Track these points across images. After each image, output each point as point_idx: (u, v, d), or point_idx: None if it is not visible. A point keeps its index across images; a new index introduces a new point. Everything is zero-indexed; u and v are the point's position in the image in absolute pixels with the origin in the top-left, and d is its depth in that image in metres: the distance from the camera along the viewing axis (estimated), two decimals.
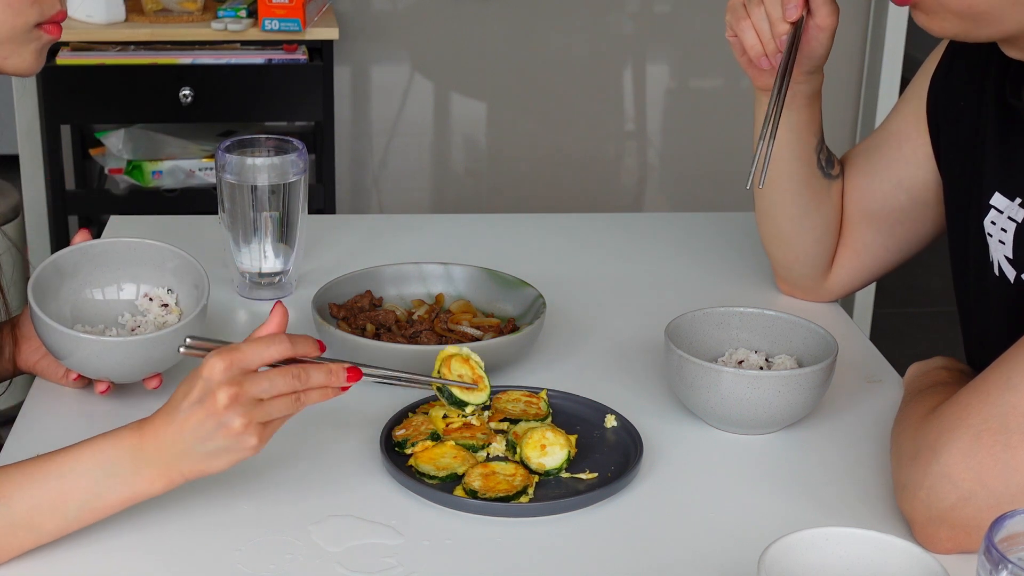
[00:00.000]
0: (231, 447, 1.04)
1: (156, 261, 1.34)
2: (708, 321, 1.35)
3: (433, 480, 1.16)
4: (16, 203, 2.79)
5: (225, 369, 1.02)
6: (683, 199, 3.41)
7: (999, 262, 1.23)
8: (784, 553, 0.92)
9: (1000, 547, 0.83)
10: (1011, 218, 1.21)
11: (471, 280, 1.49)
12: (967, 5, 1.11)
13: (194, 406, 1.03)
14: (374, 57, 3.21)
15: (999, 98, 1.24)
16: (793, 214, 1.46)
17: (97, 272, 1.33)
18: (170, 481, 1.05)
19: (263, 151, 1.52)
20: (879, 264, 1.50)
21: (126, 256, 1.34)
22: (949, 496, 1.06)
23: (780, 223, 1.48)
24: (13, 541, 1.03)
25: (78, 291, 1.32)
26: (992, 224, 1.23)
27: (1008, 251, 1.21)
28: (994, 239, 1.23)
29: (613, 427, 1.25)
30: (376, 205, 3.33)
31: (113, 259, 1.33)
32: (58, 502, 1.03)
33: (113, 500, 1.04)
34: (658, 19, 3.27)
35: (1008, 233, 1.21)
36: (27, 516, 1.03)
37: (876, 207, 1.46)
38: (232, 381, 1.02)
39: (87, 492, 1.04)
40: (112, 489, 1.04)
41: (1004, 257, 1.22)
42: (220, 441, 1.03)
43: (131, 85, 2.73)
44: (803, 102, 1.40)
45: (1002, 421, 1.05)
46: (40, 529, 1.04)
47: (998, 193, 1.22)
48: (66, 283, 1.31)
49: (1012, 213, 1.20)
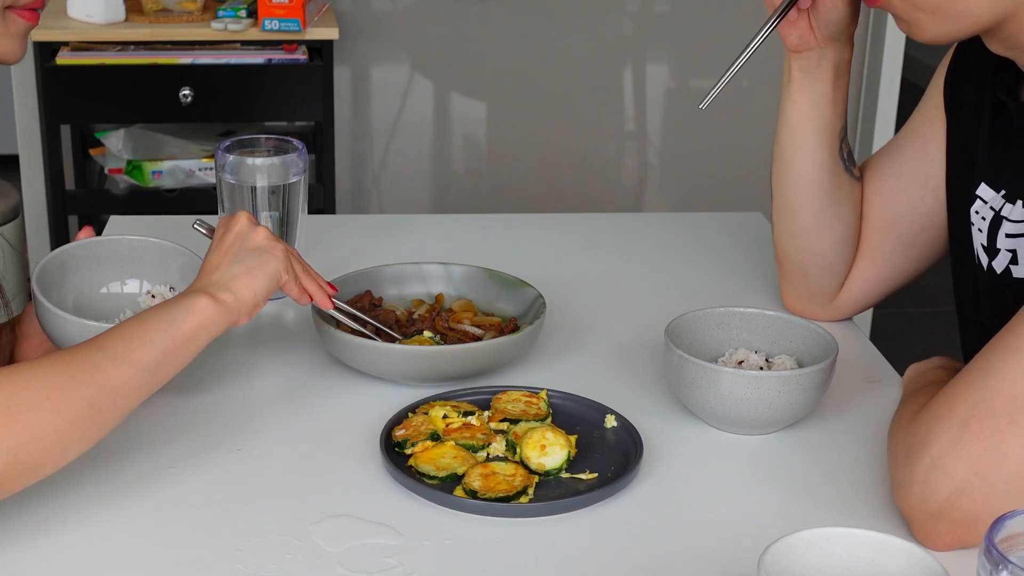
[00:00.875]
0: (262, 259, 1.21)
1: (160, 259, 1.35)
2: (708, 321, 1.35)
3: (433, 480, 1.16)
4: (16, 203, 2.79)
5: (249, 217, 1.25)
6: (683, 199, 3.42)
7: (977, 251, 1.24)
8: (784, 553, 0.92)
9: (1000, 547, 0.83)
10: (992, 208, 1.22)
11: (471, 280, 1.49)
12: (933, 2, 1.12)
13: (222, 238, 1.23)
14: (374, 57, 3.21)
15: (992, 93, 1.25)
16: (813, 207, 1.41)
17: (101, 268, 1.34)
18: (222, 303, 1.17)
19: (263, 151, 1.52)
20: (896, 275, 1.46)
21: (130, 253, 1.35)
22: (943, 488, 1.06)
23: (799, 216, 1.43)
24: (122, 377, 1.10)
25: (81, 286, 1.33)
26: (975, 213, 1.24)
27: (984, 239, 1.22)
28: (974, 227, 1.24)
29: (613, 427, 1.25)
30: (376, 205, 3.33)
31: (118, 256, 1.34)
32: (145, 336, 1.12)
33: (187, 328, 1.14)
34: (658, 19, 3.27)
35: (986, 222, 1.22)
36: (124, 351, 1.10)
37: (901, 211, 1.42)
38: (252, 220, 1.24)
39: (165, 322, 1.14)
40: (182, 320, 1.14)
41: (980, 245, 1.23)
42: (250, 256, 1.21)
43: (131, 85, 2.73)
44: (829, 73, 1.35)
45: (987, 406, 1.05)
46: (138, 363, 1.11)
47: (984, 183, 1.24)
48: (69, 278, 1.31)
49: (995, 204, 1.22)
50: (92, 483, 1.16)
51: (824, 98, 1.37)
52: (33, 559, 1.06)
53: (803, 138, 1.39)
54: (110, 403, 1.08)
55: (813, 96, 1.37)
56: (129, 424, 1.24)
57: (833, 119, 1.38)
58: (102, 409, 1.08)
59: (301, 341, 1.43)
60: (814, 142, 1.39)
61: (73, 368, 1.07)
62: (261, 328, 1.47)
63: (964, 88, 1.33)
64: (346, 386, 1.35)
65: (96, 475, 1.17)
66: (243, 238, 1.22)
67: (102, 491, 1.15)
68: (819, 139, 1.39)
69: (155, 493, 1.16)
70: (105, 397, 1.07)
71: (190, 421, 1.27)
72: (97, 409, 1.07)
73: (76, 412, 1.06)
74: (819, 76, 1.36)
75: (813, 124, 1.38)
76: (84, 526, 1.10)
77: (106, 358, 1.09)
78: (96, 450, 1.19)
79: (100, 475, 1.18)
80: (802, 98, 1.37)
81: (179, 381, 1.28)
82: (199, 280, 1.20)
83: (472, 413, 1.24)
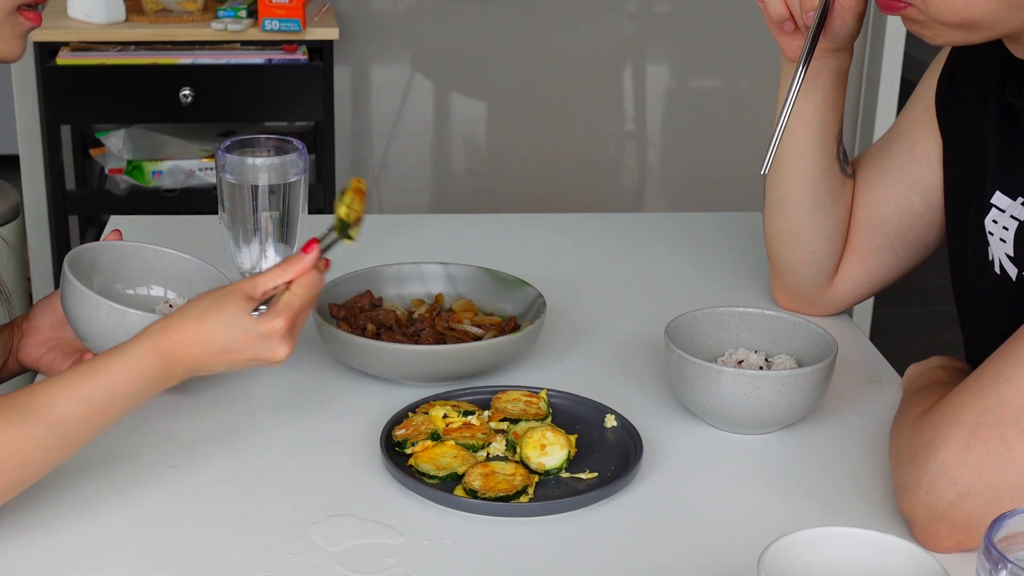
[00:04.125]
0: (255, 363, 1.14)
1: (186, 274, 1.37)
2: (708, 321, 1.35)
3: (433, 480, 1.16)
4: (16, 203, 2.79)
5: (287, 330, 1.14)
6: (683, 199, 3.41)
7: (1000, 260, 1.23)
8: (784, 553, 0.92)
9: (1000, 547, 0.83)
10: (1014, 216, 1.21)
11: (471, 280, 1.49)
12: (961, 18, 1.11)
13: (251, 340, 1.13)
14: (374, 57, 3.21)
15: (1000, 98, 1.24)
16: (807, 206, 1.42)
17: (127, 270, 1.36)
18: (174, 380, 1.12)
19: (263, 151, 1.52)
20: (886, 271, 1.47)
21: (157, 263, 1.37)
22: (948, 493, 1.06)
23: (792, 216, 1.44)
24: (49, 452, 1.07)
25: (108, 284, 1.34)
26: (993, 223, 1.23)
27: (1009, 249, 1.21)
28: (995, 238, 1.23)
29: (613, 427, 1.25)
30: (376, 205, 3.33)
31: (145, 263, 1.37)
32: (97, 417, 1.08)
33: (142, 403, 1.11)
34: (658, 19, 3.27)
35: (1009, 232, 1.21)
36: (74, 432, 1.07)
37: (888, 211, 1.43)
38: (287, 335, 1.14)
39: (123, 407, 1.10)
40: (144, 397, 1.11)
41: (1005, 255, 1.22)
42: (249, 364, 1.14)
43: (131, 85, 2.73)
44: (829, 80, 1.37)
45: (997, 415, 1.05)
46: (73, 438, 1.08)
47: (999, 192, 1.23)
48: (97, 272, 1.33)
49: (1015, 212, 1.21)
50: (92, 483, 1.16)
51: (825, 104, 1.38)
52: (33, 559, 1.06)
53: (804, 144, 1.40)
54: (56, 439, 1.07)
55: (815, 103, 1.38)
56: (129, 424, 1.24)
57: (832, 124, 1.40)
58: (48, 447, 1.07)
59: (301, 341, 1.43)
60: (814, 147, 1.40)
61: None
62: None
63: (961, 94, 1.32)
64: (346, 386, 1.35)
65: (96, 475, 1.17)
66: (262, 351, 1.14)
67: (103, 490, 1.15)
68: (819, 143, 1.40)
69: (155, 493, 1.16)
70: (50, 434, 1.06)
71: (190, 421, 1.27)
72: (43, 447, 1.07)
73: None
74: (820, 84, 1.37)
75: (813, 130, 1.39)
76: (84, 526, 1.10)
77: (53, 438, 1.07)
78: (96, 450, 1.20)
79: (100, 475, 1.18)
80: (804, 106, 1.37)
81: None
82: (183, 356, 1.12)
83: (472, 413, 1.24)
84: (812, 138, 1.39)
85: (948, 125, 1.35)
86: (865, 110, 3.34)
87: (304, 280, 1.15)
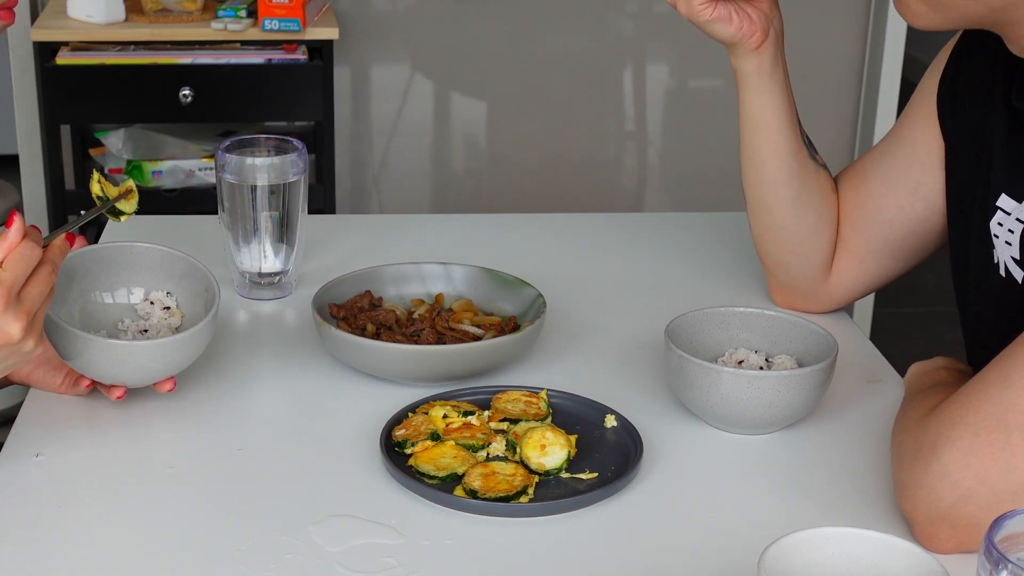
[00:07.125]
0: (10, 352, 1.10)
1: (165, 266, 1.34)
2: (708, 321, 1.35)
3: (433, 480, 1.16)
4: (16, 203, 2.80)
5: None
6: (683, 199, 3.42)
7: (1005, 263, 1.23)
8: (784, 553, 0.92)
9: (1000, 547, 0.83)
10: (1019, 219, 1.20)
11: (471, 280, 1.49)
12: None
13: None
14: (374, 57, 3.21)
15: (1006, 100, 1.24)
16: (787, 198, 1.43)
17: (104, 276, 1.33)
18: None
19: (263, 151, 1.52)
20: (883, 273, 1.47)
21: (132, 261, 1.34)
22: (949, 495, 1.06)
23: (774, 210, 1.44)
24: None
25: (86, 294, 1.32)
26: (999, 226, 1.23)
27: (1015, 252, 1.21)
28: (1000, 240, 1.23)
29: (613, 427, 1.25)
30: (376, 205, 3.33)
31: (120, 264, 1.33)
32: None
33: None
34: (658, 19, 3.27)
35: (1015, 234, 1.21)
36: None
37: (889, 215, 1.43)
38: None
39: None
40: None
41: (1011, 258, 1.22)
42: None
43: (131, 85, 2.73)
44: (766, 68, 1.37)
45: (1001, 419, 1.05)
46: None
47: (1005, 195, 1.22)
48: (75, 285, 1.31)
49: (1020, 214, 1.20)
50: (92, 482, 1.16)
51: (784, 87, 1.40)
52: (33, 559, 1.06)
53: (775, 132, 1.41)
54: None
55: (775, 88, 1.39)
56: (129, 424, 1.24)
57: (792, 105, 1.41)
58: None
59: (301, 341, 1.43)
60: (785, 133, 1.41)
61: None
62: (261, 328, 1.48)
63: (964, 96, 1.32)
64: (346, 386, 1.35)
65: (96, 474, 1.17)
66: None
67: (102, 491, 1.15)
68: (788, 129, 1.41)
69: (155, 493, 1.16)
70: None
71: (190, 421, 1.27)
72: None
73: None
74: (777, 68, 1.38)
75: (779, 117, 1.40)
76: (84, 526, 1.10)
77: None
78: (96, 450, 1.20)
79: (100, 474, 1.18)
80: (772, 95, 1.38)
81: (179, 381, 1.29)
82: None
83: (472, 413, 1.24)
84: (780, 125, 1.40)
85: (950, 128, 1.35)
86: (865, 110, 3.34)
87: (14, 255, 1.11)
